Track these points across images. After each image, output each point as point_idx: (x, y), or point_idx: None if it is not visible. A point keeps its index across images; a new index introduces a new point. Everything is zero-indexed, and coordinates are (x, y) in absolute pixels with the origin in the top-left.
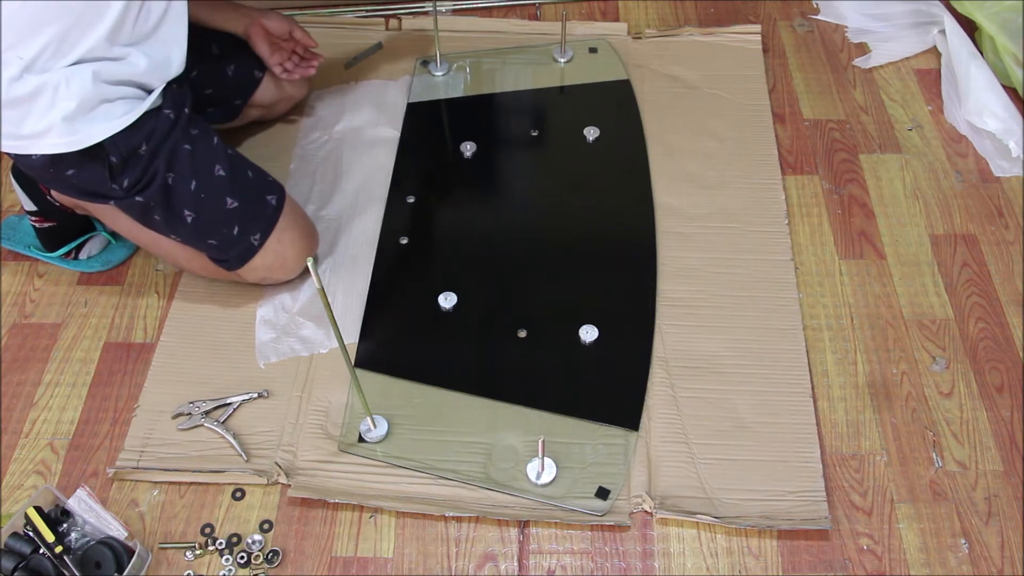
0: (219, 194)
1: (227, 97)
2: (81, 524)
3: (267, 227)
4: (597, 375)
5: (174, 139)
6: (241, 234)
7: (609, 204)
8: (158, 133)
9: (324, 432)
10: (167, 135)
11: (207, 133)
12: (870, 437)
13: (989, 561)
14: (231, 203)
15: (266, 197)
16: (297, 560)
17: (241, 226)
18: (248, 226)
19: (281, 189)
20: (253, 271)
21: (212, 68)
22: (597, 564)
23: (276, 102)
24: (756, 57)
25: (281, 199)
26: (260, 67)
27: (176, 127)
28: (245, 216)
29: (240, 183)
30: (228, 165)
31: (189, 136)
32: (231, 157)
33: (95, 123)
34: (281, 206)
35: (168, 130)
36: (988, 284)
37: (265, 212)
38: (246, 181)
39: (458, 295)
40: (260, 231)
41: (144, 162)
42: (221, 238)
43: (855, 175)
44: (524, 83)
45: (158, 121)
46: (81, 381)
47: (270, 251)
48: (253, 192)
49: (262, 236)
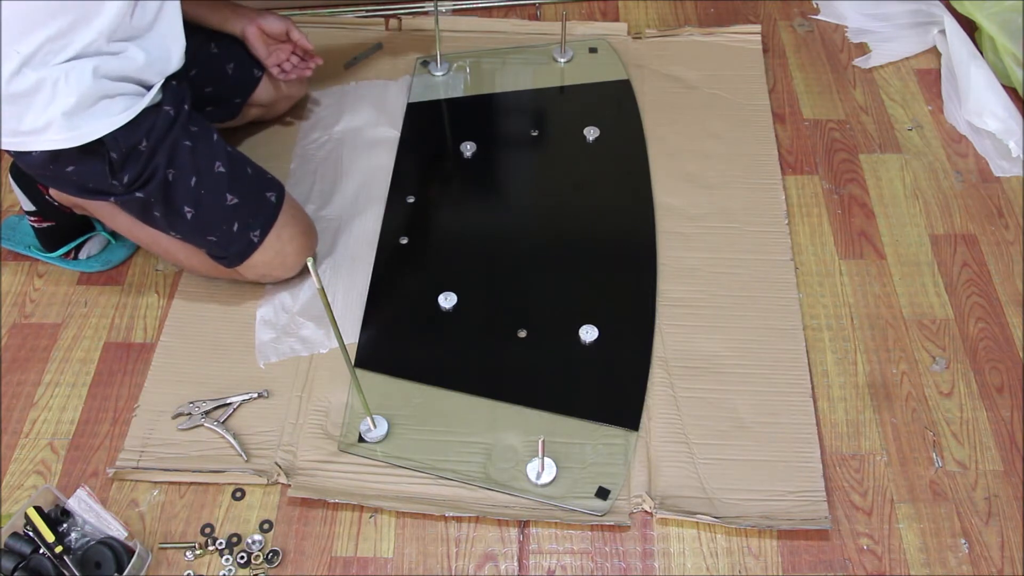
0: (219, 190)
1: (227, 96)
2: (81, 524)
3: (267, 224)
4: (597, 375)
5: (174, 135)
6: (241, 230)
7: (609, 204)
8: (158, 129)
9: (324, 432)
10: (167, 131)
11: (207, 130)
12: (870, 437)
13: (989, 561)
14: (231, 199)
15: (266, 194)
16: (297, 560)
17: (241, 222)
18: (248, 223)
19: (280, 186)
20: (252, 268)
21: (212, 67)
22: (597, 564)
23: (275, 101)
24: (756, 57)
25: (281, 196)
26: (259, 66)
27: (176, 123)
28: (245, 212)
29: (240, 180)
30: (228, 162)
31: (189, 133)
32: (231, 154)
33: (96, 119)
34: (281, 203)
35: (168, 126)
36: (988, 284)
37: (265, 209)
38: (246, 178)
39: (458, 295)
40: (260, 228)
41: (144, 158)
42: (221, 234)
43: (855, 175)
44: (524, 83)
45: (158, 117)
46: (81, 381)
47: (270, 248)
48: (253, 189)
49: (262, 232)
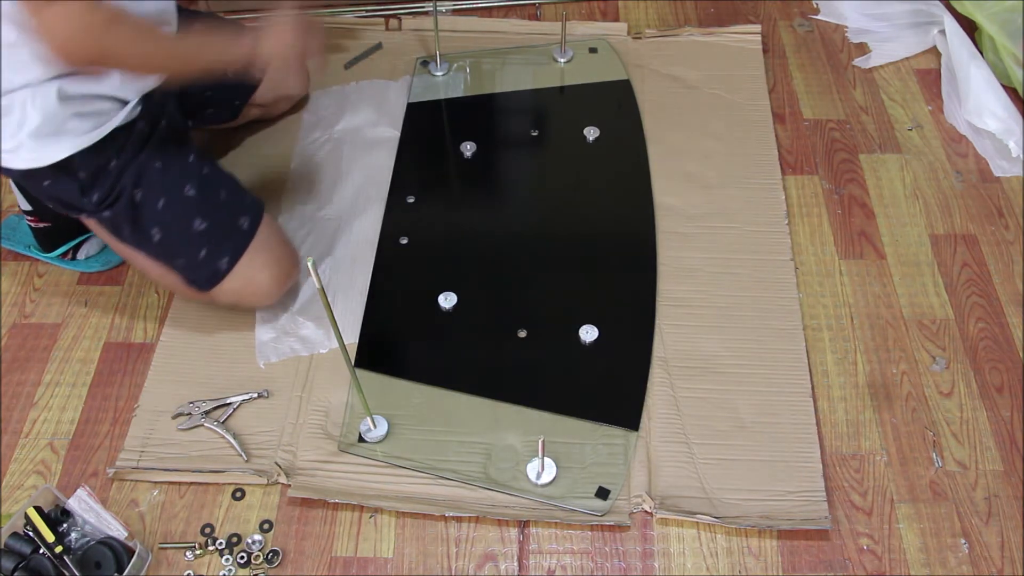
0: (187, 215)
1: (226, 98)
2: (81, 524)
3: (236, 251)
4: (597, 375)
5: (145, 155)
6: (209, 257)
7: (609, 204)
8: (129, 148)
9: (324, 432)
10: (138, 150)
11: (184, 149)
12: (870, 437)
13: (989, 561)
14: (199, 224)
15: (238, 220)
16: (297, 560)
17: (209, 249)
18: (216, 249)
19: (258, 211)
20: (223, 295)
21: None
22: (597, 564)
23: (275, 101)
24: (756, 57)
25: (255, 221)
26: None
27: (149, 142)
28: (213, 239)
29: (211, 204)
30: (200, 184)
31: (162, 152)
32: (205, 176)
33: (62, 139)
34: (255, 230)
35: (140, 145)
36: (988, 284)
37: (235, 235)
38: (218, 202)
39: (458, 295)
40: (229, 255)
41: (112, 178)
42: (188, 259)
43: (855, 175)
44: (524, 83)
45: (130, 135)
46: (81, 381)
47: (240, 276)
48: (225, 214)
49: (231, 260)
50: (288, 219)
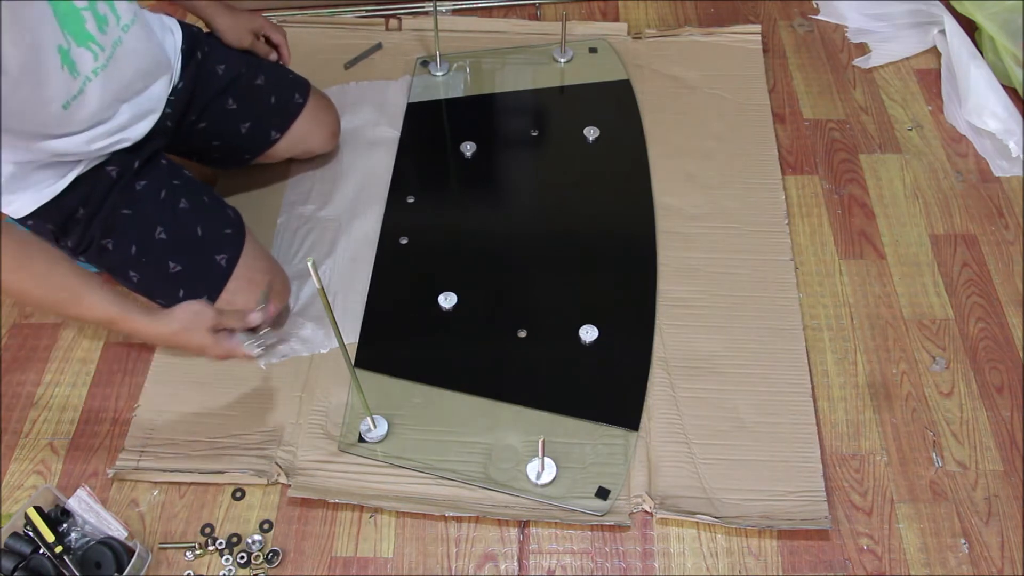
0: (161, 258)
1: (236, 151)
2: (81, 524)
3: (214, 289)
4: (597, 375)
5: (112, 202)
6: (187, 297)
7: (609, 204)
8: (95, 196)
9: (324, 432)
10: (104, 198)
11: (154, 188)
12: (870, 437)
13: (989, 561)
14: (174, 267)
15: (215, 257)
16: (297, 560)
17: (186, 288)
18: (193, 289)
19: (237, 245)
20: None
21: (224, 123)
22: (597, 564)
23: (297, 154)
24: (756, 57)
25: (234, 257)
26: (279, 128)
27: (116, 187)
28: (190, 279)
29: (185, 244)
30: (172, 226)
31: (131, 197)
32: (180, 214)
33: (23, 193)
34: (232, 266)
35: (106, 192)
36: (988, 284)
37: (212, 274)
38: (193, 241)
39: (458, 295)
40: (206, 294)
41: (81, 227)
42: (168, 299)
43: (855, 175)
44: (524, 83)
45: (96, 182)
46: (81, 381)
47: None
48: (199, 253)
49: (209, 299)
50: (288, 219)
